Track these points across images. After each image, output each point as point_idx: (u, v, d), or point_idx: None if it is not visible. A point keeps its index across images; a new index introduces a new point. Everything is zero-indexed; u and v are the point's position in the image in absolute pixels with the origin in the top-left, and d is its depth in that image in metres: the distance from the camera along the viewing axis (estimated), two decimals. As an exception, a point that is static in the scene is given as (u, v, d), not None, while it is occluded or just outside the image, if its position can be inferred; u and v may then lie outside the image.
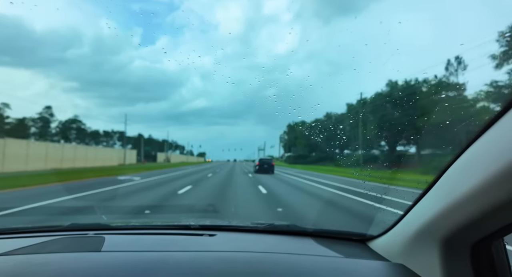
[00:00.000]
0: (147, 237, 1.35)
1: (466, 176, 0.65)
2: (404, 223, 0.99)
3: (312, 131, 14.93)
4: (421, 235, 0.87)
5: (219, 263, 0.98)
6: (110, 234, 1.32)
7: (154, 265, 0.94)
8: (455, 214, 0.70)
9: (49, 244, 1.19)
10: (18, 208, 7.24)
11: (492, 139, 0.61)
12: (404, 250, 0.96)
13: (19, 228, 1.47)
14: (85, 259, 1.01)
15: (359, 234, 1.34)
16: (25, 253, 1.08)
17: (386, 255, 1.09)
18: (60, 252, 1.09)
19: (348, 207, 8.35)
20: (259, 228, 1.44)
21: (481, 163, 0.62)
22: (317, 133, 3.58)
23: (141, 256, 1.05)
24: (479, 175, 0.60)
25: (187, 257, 1.03)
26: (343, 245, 1.29)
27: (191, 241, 1.29)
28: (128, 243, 1.25)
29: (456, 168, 0.71)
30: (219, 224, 1.57)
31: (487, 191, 0.60)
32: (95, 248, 1.10)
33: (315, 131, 6.72)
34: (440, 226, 0.77)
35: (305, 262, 1.02)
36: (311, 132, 13.03)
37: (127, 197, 9.93)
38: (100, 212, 7.15)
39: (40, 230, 1.43)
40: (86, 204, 8.26)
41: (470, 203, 0.65)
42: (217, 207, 7.88)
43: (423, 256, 0.86)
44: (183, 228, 1.46)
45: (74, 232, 1.40)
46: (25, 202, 8.01)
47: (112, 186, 12.91)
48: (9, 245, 1.14)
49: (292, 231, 1.43)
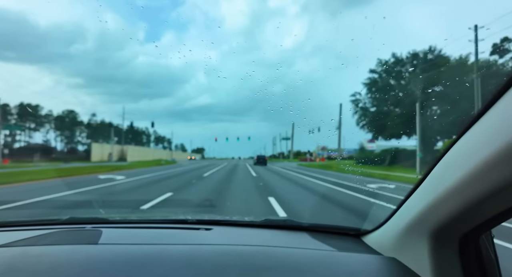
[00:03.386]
0: (144, 230, 1.36)
1: (452, 170, 0.67)
2: (396, 217, 1.01)
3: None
4: (411, 229, 0.89)
5: (215, 255, 1.00)
6: (107, 228, 1.33)
7: (151, 257, 0.95)
8: (443, 208, 0.72)
9: (47, 237, 1.20)
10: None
11: (477, 133, 0.62)
12: (395, 244, 0.99)
13: (17, 221, 1.47)
14: (82, 251, 1.02)
15: (354, 229, 1.36)
16: (22, 245, 1.08)
17: (379, 249, 1.11)
18: (57, 244, 1.10)
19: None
20: (255, 223, 1.46)
21: (465, 157, 0.63)
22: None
23: (138, 249, 1.06)
24: (464, 169, 0.62)
25: (183, 250, 1.05)
26: (337, 239, 1.30)
27: (188, 235, 1.30)
28: (126, 236, 1.26)
29: (444, 162, 0.73)
30: (215, 218, 1.58)
31: (472, 184, 0.61)
32: (92, 241, 1.11)
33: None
34: (429, 219, 0.79)
35: (298, 255, 1.04)
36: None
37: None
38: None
39: (38, 223, 1.44)
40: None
41: (456, 196, 0.66)
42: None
43: (414, 250, 0.88)
44: (180, 222, 1.48)
45: (72, 225, 1.41)
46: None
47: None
48: (7, 238, 1.14)
49: (287, 225, 1.45)
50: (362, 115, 39.19)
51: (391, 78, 35.82)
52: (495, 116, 0.58)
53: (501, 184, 0.56)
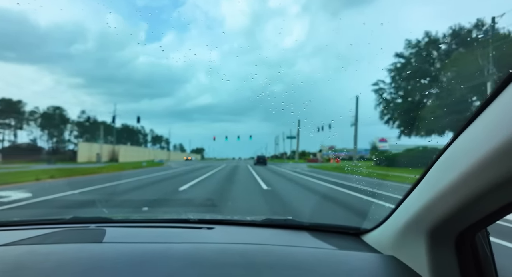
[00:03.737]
0: (147, 229, 1.37)
1: (449, 168, 0.68)
2: (395, 216, 1.02)
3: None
4: (409, 227, 0.89)
5: (218, 254, 1.01)
6: (111, 227, 1.35)
7: (155, 255, 0.97)
8: (439, 206, 0.73)
9: (52, 236, 1.23)
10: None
11: (473, 133, 0.63)
12: (394, 242, 0.99)
13: (22, 220, 1.50)
14: (87, 250, 1.04)
15: (354, 228, 1.35)
16: (29, 244, 1.11)
17: (379, 247, 1.12)
18: (63, 242, 1.13)
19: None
20: (256, 222, 1.47)
21: (462, 156, 0.64)
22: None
23: (142, 247, 1.07)
24: (461, 167, 0.63)
25: (186, 248, 1.06)
26: (337, 238, 1.30)
27: (190, 234, 1.32)
28: (129, 235, 1.28)
29: (442, 161, 0.73)
30: (217, 218, 1.58)
31: (468, 182, 0.62)
32: (96, 240, 1.13)
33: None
34: (426, 218, 0.80)
35: (298, 254, 1.04)
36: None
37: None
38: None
39: (43, 222, 1.47)
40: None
41: (452, 194, 0.67)
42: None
43: (412, 248, 0.89)
44: (183, 222, 1.49)
45: (76, 224, 1.44)
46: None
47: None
48: (13, 237, 1.17)
49: (288, 225, 1.45)
50: (386, 108, 32.78)
51: (432, 59, 29.36)
52: (493, 114, 0.58)
53: (497, 181, 0.56)
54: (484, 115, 0.60)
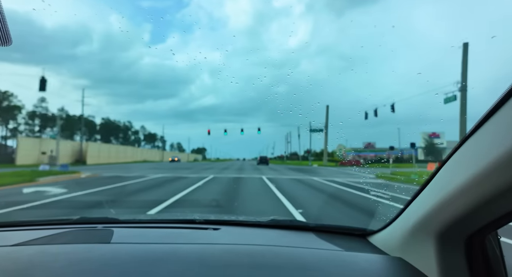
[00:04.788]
0: (154, 230, 1.38)
1: (459, 171, 0.68)
2: (402, 218, 1.01)
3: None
4: (417, 229, 0.89)
5: (224, 254, 1.02)
6: (118, 227, 1.36)
7: (162, 256, 0.98)
8: (449, 208, 0.73)
9: (61, 236, 1.24)
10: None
11: (485, 135, 0.62)
12: (402, 244, 0.99)
13: (30, 221, 1.51)
14: (96, 250, 1.05)
15: (360, 229, 1.36)
16: (39, 244, 1.12)
17: (385, 249, 1.11)
18: (72, 243, 1.14)
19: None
20: (261, 223, 1.48)
21: (472, 158, 0.64)
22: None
23: (149, 248, 1.09)
24: (471, 170, 0.63)
25: (193, 249, 1.08)
26: (344, 239, 1.31)
27: (197, 234, 1.33)
28: (136, 236, 1.28)
29: (452, 162, 0.73)
30: (223, 218, 1.59)
31: (478, 185, 0.62)
32: (104, 240, 1.14)
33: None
34: (435, 220, 0.80)
35: (304, 255, 1.05)
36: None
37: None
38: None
39: (51, 223, 1.48)
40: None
41: (462, 197, 0.67)
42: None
43: (420, 250, 0.88)
44: (189, 222, 1.51)
45: (84, 225, 1.45)
46: None
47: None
48: (23, 237, 1.19)
49: (294, 226, 1.46)
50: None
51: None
52: (505, 117, 0.57)
53: (508, 184, 0.56)
54: (496, 117, 0.59)
